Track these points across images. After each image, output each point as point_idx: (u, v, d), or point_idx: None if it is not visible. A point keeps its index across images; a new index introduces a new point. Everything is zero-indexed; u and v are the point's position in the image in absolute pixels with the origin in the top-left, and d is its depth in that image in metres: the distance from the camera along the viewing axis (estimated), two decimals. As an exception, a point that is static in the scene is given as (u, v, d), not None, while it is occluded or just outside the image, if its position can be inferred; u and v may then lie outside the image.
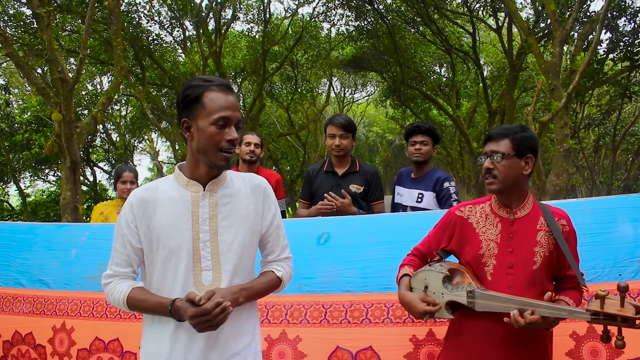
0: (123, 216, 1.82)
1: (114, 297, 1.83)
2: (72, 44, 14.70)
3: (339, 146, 3.65)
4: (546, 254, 2.04)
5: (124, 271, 1.85)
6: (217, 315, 1.62)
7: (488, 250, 2.10)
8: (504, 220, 2.12)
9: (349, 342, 2.73)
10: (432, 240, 2.31)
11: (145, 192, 1.82)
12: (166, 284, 1.80)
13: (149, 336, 1.87)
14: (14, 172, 16.18)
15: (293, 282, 2.93)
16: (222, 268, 1.81)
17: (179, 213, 1.79)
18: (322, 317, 2.83)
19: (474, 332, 2.10)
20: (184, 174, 1.85)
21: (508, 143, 2.07)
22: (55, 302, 3.29)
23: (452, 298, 2.06)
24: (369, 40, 16.46)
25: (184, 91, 1.77)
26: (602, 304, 1.70)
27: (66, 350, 3.11)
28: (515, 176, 2.07)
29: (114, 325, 3.10)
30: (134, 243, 1.81)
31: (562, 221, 2.08)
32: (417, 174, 3.85)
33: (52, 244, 3.54)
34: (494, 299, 1.96)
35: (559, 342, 2.15)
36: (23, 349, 3.22)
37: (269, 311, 2.91)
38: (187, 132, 1.78)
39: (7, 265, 3.54)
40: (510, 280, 2.04)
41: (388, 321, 2.74)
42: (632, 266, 2.58)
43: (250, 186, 1.94)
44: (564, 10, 9.34)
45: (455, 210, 2.26)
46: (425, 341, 2.66)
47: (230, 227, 1.84)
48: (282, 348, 2.80)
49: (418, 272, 2.18)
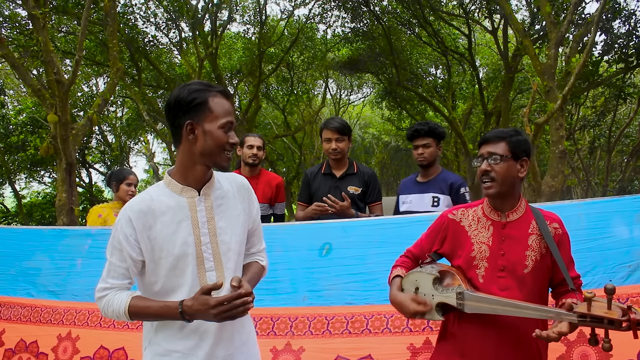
0: (120, 230, 1.82)
1: (112, 309, 1.83)
2: (68, 45, 14.67)
3: (336, 149, 3.66)
4: (537, 258, 2.04)
5: (121, 283, 1.86)
6: (239, 305, 1.69)
7: (480, 253, 2.10)
8: (495, 223, 2.13)
9: (349, 351, 2.78)
10: (425, 243, 2.32)
11: (141, 204, 1.83)
12: (173, 289, 1.84)
13: (154, 339, 1.89)
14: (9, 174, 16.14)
15: (297, 295, 3.01)
16: (225, 267, 1.89)
17: (178, 220, 1.83)
18: (324, 329, 2.88)
19: (466, 335, 2.11)
20: (176, 180, 1.87)
21: (505, 145, 2.08)
22: (63, 312, 3.29)
23: (442, 300, 2.06)
24: (365, 42, 16.51)
25: (188, 94, 1.80)
26: (589, 306, 1.70)
27: (69, 358, 3.11)
28: (511, 179, 2.07)
29: (120, 335, 3.11)
30: (134, 256, 1.82)
31: (554, 224, 2.09)
32: (426, 176, 3.73)
33: (57, 253, 3.53)
34: (483, 300, 1.97)
35: (550, 347, 2.15)
36: (24, 357, 3.22)
37: (274, 323, 2.96)
38: (192, 134, 1.81)
39: (15, 274, 3.54)
40: (502, 283, 2.05)
41: (387, 331, 2.79)
42: (622, 271, 2.62)
43: (236, 186, 2.02)
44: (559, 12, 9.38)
45: (448, 213, 2.27)
46: (422, 349, 2.70)
47: (227, 227, 1.92)
48: (286, 358, 2.85)
49: (409, 273, 2.19)
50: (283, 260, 3.09)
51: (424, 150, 3.64)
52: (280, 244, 3.17)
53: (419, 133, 3.66)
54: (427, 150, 3.64)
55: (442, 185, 3.60)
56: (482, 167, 2.10)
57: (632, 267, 2.61)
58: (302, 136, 23.65)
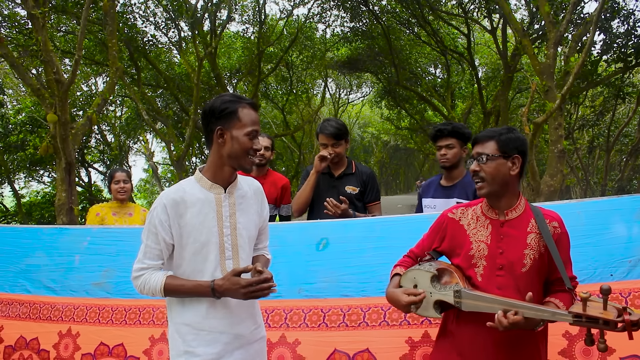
0: (156, 216, 2.07)
1: (149, 286, 2.07)
2: (67, 44, 14.66)
3: (332, 154, 3.65)
4: (536, 257, 2.05)
5: (156, 264, 2.11)
6: (265, 288, 2.00)
7: (478, 252, 2.11)
8: (494, 222, 2.14)
9: (347, 345, 2.76)
10: (426, 242, 2.34)
11: (175, 194, 2.09)
12: (196, 271, 2.10)
13: (183, 313, 2.13)
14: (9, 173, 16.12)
15: (292, 287, 3.00)
16: (240, 257, 2.17)
17: (206, 212, 2.11)
18: (320, 321, 2.87)
19: (464, 333, 2.12)
20: (206, 177, 2.15)
21: (493, 144, 2.09)
22: (61, 309, 3.31)
23: (440, 297, 2.07)
24: (364, 42, 16.53)
25: (221, 104, 2.07)
26: (584, 306, 1.71)
27: (70, 355, 3.13)
28: (502, 177, 2.08)
29: (118, 331, 3.13)
30: (167, 239, 2.08)
31: (553, 223, 2.09)
32: (449, 180, 3.57)
33: (55, 250, 3.55)
34: (480, 299, 1.98)
35: (552, 341, 2.16)
36: (25, 354, 3.22)
37: (269, 315, 2.93)
38: (221, 138, 2.08)
39: (14, 272, 3.54)
40: (500, 282, 2.05)
41: (385, 324, 2.78)
42: (623, 266, 2.61)
43: (253, 189, 2.31)
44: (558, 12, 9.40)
45: (448, 212, 2.28)
46: (420, 343, 2.69)
47: (245, 223, 2.21)
48: (281, 351, 2.84)
49: (408, 271, 2.21)
50: (280, 254, 3.05)
51: (447, 152, 3.46)
52: (277, 240, 3.15)
53: (442, 133, 3.49)
54: (450, 151, 3.46)
55: (468, 189, 3.43)
56: (472, 167, 2.12)
57: (632, 262, 2.60)
58: (302, 135, 23.67)
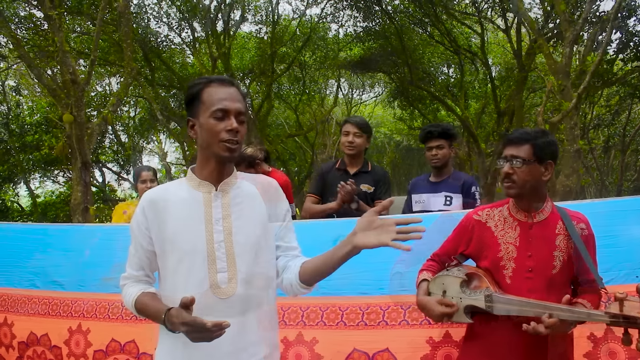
0: (135, 218, 1.79)
1: (126, 300, 1.82)
2: (81, 45, 14.80)
3: (352, 142, 3.66)
4: (565, 258, 2.02)
5: (137, 274, 1.82)
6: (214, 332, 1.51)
7: (507, 254, 2.08)
8: (522, 224, 2.10)
9: (366, 344, 2.71)
10: (450, 245, 2.29)
11: (155, 194, 1.79)
12: (178, 288, 1.70)
13: (162, 341, 1.80)
14: (24, 173, 16.31)
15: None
16: (238, 269, 1.74)
17: (190, 214, 1.75)
18: (338, 320, 2.82)
19: (494, 337, 2.09)
20: (196, 176, 1.81)
21: (529, 148, 2.03)
22: (70, 304, 3.28)
23: (471, 302, 2.04)
24: (377, 41, 16.45)
25: (187, 92, 1.78)
26: (621, 306, 1.69)
27: (82, 351, 3.11)
28: (534, 182, 2.04)
29: (130, 327, 3.09)
30: (144, 245, 1.77)
31: (581, 225, 2.06)
32: (438, 177, 3.73)
33: (65, 245, 3.53)
34: (512, 302, 1.95)
35: (576, 343, 2.12)
36: (39, 350, 3.22)
37: (285, 313, 2.89)
38: (192, 130, 1.78)
39: (22, 267, 3.54)
40: (530, 284, 2.02)
41: (405, 323, 2.72)
42: None
43: (261, 187, 1.89)
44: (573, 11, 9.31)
45: (473, 214, 2.24)
46: (442, 343, 2.64)
47: (244, 227, 1.78)
48: (299, 350, 2.79)
49: (436, 277, 2.17)
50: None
51: (438, 152, 3.66)
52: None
53: (432, 135, 3.67)
54: (440, 151, 3.65)
55: (455, 184, 3.62)
56: (505, 169, 2.06)
57: None
58: (314, 136, 23.61)
